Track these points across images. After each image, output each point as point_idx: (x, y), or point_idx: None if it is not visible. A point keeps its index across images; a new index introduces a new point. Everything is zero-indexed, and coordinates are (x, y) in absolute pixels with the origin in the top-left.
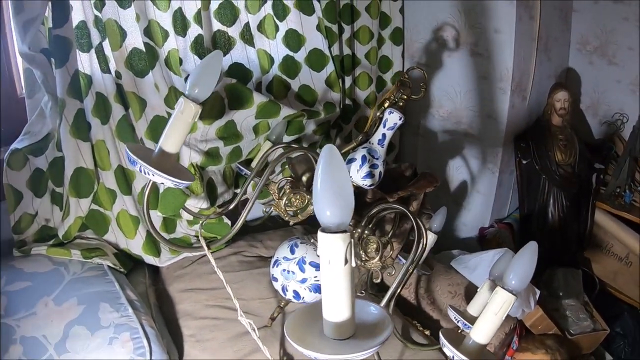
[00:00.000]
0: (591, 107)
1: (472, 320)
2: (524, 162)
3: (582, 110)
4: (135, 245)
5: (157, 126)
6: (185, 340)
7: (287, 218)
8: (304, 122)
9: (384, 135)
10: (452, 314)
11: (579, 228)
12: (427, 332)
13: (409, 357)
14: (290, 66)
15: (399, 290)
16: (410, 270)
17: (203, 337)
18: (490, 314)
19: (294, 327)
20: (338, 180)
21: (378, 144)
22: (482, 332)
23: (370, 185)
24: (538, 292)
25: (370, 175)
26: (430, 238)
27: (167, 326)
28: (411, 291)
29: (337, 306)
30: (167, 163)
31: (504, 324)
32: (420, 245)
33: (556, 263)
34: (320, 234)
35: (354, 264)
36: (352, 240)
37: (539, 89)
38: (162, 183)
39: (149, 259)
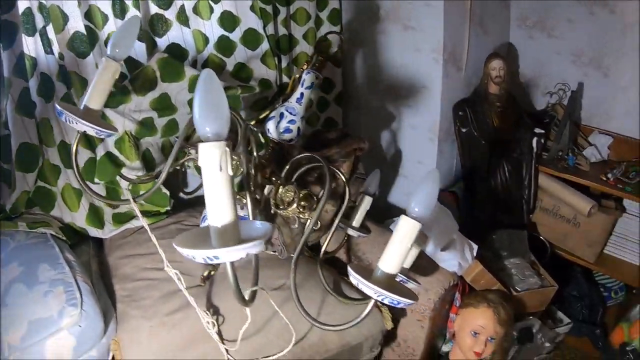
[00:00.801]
0: (533, 80)
1: (403, 271)
2: (463, 130)
3: (525, 83)
4: (79, 218)
5: None
6: (122, 301)
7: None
8: (239, 97)
9: (301, 94)
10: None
11: (524, 192)
12: None
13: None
14: (225, 45)
15: (327, 241)
16: (336, 221)
17: (138, 297)
18: (396, 242)
19: (185, 238)
20: (214, 99)
21: (296, 102)
22: (390, 262)
23: (290, 140)
24: (475, 246)
25: (288, 130)
26: (366, 200)
27: (108, 291)
28: (350, 253)
29: (218, 210)
30: (91, 117)
31: (442, 280)
32: (346, 197)
33: (503, 227)
34: (200, 145)
35: (230, 172)
36: (228, 150)
37: (477, 61)
38: (85, 132)
39: (93, 231)
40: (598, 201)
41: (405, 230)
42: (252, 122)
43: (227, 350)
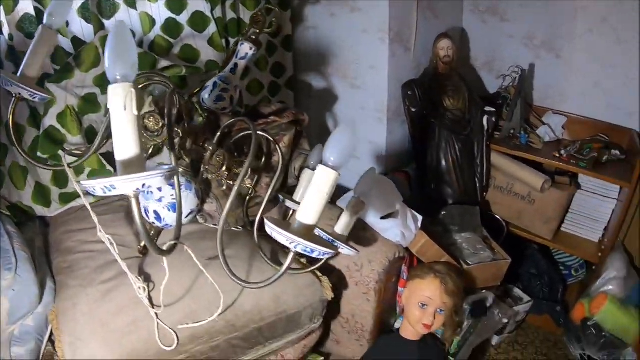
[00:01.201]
0: (487, 64)
1: (337, 236)
2: (413, 110)
3: (479, 67)
4: (26, 197)
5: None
6: (62, 273)
7: (142, 139)
8: (184, 76)
9: (235, 64)
10: (323, 235)
11: (476, 171)
12: (304, 260)
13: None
14: (172, 27)
15: (260, 212)
16: (269, 192)
17: (76, 267)
18: (313, 192)
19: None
20: (124, 47)
21: (230, 71)
22: (307, 212)
23: (223, 109)
24: (420, 217)
25: (220, 98)
26: (308, 175)
27: (50, 266)
28: None
29: (122, 145)
30: (28, 82)
31: (386, 251)
32: (280, 163)
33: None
34: (109, 87)
35: (135, 112)
36: (133, 91)
37: (428, 44)
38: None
39: (39, 210)
40: (552, 178)
41: (321, 179)
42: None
43: (156, 315)
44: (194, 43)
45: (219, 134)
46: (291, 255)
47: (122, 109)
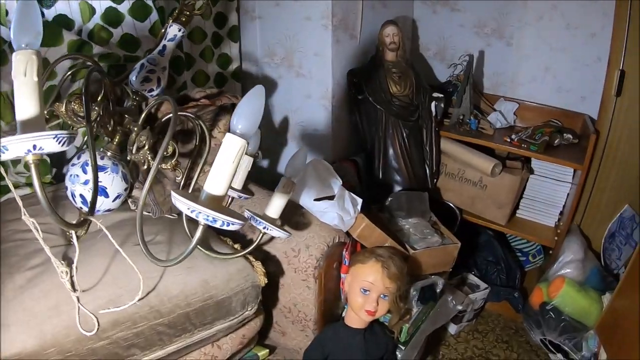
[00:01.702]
0: (438, 54)
1: (267, 218)
2: (359, 97)
3: (430, 57)
4: None
5: None
6: None
7: (69, 122)
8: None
9: (164, 46)
10: (246, 213)
11: (426, 157)
12: (238, 246)
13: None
14: (112, 16)
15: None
16: (198, 169)
17: (6, 254)
18: (220, 161)
19: None
20: (29, 19)
21: (158, 53)
22: (214, 182)
23: (150, 91)
24: (359, 200)
25: (147, 79)
26: (246, 161)
27: None
28: None
29: (22, 107)
30: None
31: (324, 235)
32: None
33: None
34: (13, 54)
35: (35, 78)
36: (35, 58)
37: (375, 32)
38: None
39: None
40: (504, 163)
41: (228, 147)
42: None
43: (77, 299)
44: (135, 32)
45: (144, 114)
46: (200, 228)
47: (22, 74)
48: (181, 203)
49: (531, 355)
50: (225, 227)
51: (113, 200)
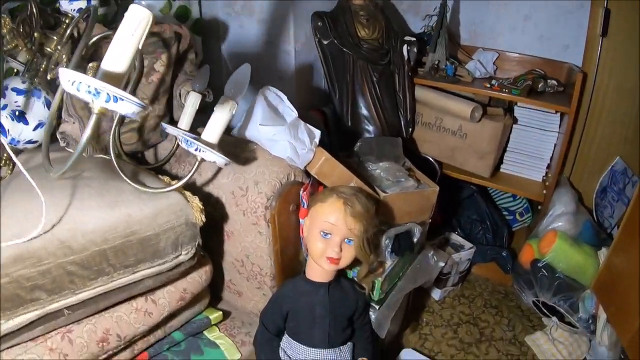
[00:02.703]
0: (412, 7)
1: (203, 142)
2: (325, 42)
3: (404, 10)
4: None
5: None
6: None
7: None
8: None
9: None
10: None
11: (400, 105)
12: (176, 182)
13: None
14: None
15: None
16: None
17: None
18: (119, 35)
19: None
20: None
21: None
22: (114, 58)
23: (78, 10)
24: (317, 132)
25: None
26: (193, 98)
27: None
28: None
29: None
30: None
31: (276, 171)
32: None
33: None
34: None
35: None
36: None
37: None
38: None
39: None
40: (484, 110)
41: (131, 21)
42: None
43: None
44: None
45: (68, 30)
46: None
47: None
48: (63, 75)
49: (523, 320)
50: (114, 106)
51: (34, 129)
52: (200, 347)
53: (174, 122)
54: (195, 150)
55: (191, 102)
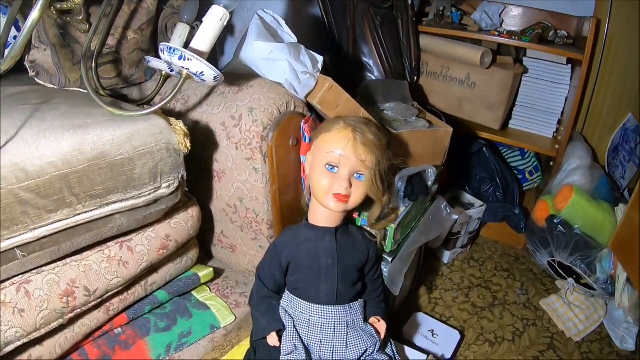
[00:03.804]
0: None
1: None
2: None
3: None
4: None
5: None
6: None
7: None
8: None
9: None
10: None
11: (404, 53)
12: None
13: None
14: None
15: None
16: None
17: None
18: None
19: None
20: None
21: None
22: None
23: None
24: (320, 58)
25: None
26: (181, 29)
27: None
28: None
29: None
30: None
31: (273, 97)
32: None
33: None
34: None
35: None
36: None
37: None
38: None
39: None
40: (494, 59)
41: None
42: None
43: None
44: None
45: None
46: None
47: None
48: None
49: (536, 283)
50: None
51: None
52: (188, 309)
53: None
54: (180, 59)
55: (178, 34)
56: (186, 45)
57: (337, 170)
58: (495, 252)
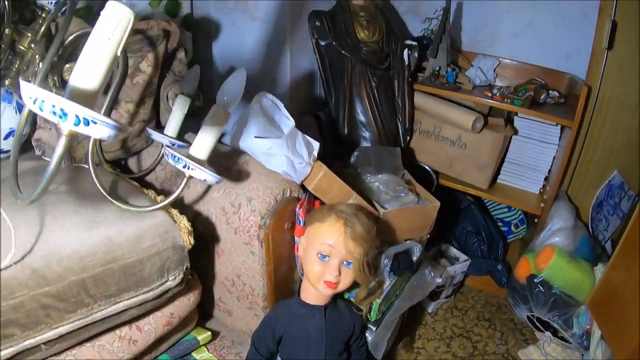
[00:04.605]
0: (412, 9)
1: (192, 158)
2: (322, 43)
3: (403, 12)
4: None
5: None
6: None
7: None
8: None
9: None
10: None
11: (398, 112)
12: (161, 198)
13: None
14: None
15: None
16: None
17: None
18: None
19: None
20: None
21: None
22: (84, 71)
23: (56, 3)
24: (316, 144)
25: None
26: (182, 103)
27: None
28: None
29: None
30: None
31: (271, 186)
32: None
33: None
34: None
35: None
36: None
37: None
38: None
39: None
40: (485, 120)
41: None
42: None
43: None
44: None
45: (43, 28)
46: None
47: None
48: (24, 90)
49: (515, 333)
50: (85, 129)
51: (5, 138)
52: None
53: (160, 127)
54: (184, 167)
55: (179, 106)
56: (188, 113)
57: (328, 260)
58: (478, 300)
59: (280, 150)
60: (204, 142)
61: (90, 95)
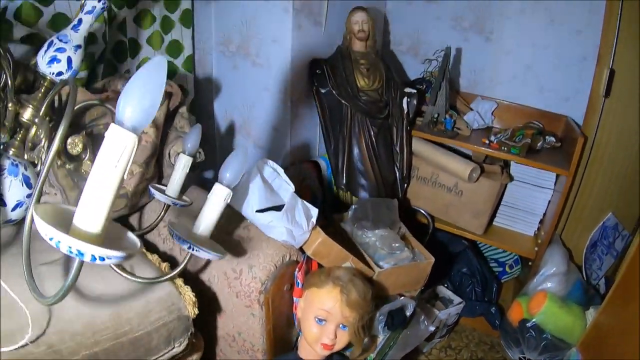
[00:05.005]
0: (412, 49)
1: (195, 237)
2: (322, 90)
3: (403, 52)
4: None
5: None
6: None
7: None
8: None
9: (79, 20)
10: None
11: (396, 159)
12: (166, 266)
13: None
14: None
15: None
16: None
17: None
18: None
19: None
20: None
21: (72, 29)
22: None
23: (58, 74)
24: (315, 210)
25: (55, 59)
26: (183, 161)
27: None
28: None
29: None
30: None
31: (271, 253)
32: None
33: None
34: None
35: None
36: None
37: (343, 20)
38: None
39: None
40: (481, 167)
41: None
42: None
43: None
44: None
45: (45, 103)
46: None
47: None
48: (40, 226)
49: None
50: (101, 262)
51: (12, 210)
52: None
53: (162, 179)
54: (188, 248)
55: (181, 165)
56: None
57: (325, 324)
58: (472, 339)
59: (280, 223)
60: (207, 219)
61: (103, 223)
